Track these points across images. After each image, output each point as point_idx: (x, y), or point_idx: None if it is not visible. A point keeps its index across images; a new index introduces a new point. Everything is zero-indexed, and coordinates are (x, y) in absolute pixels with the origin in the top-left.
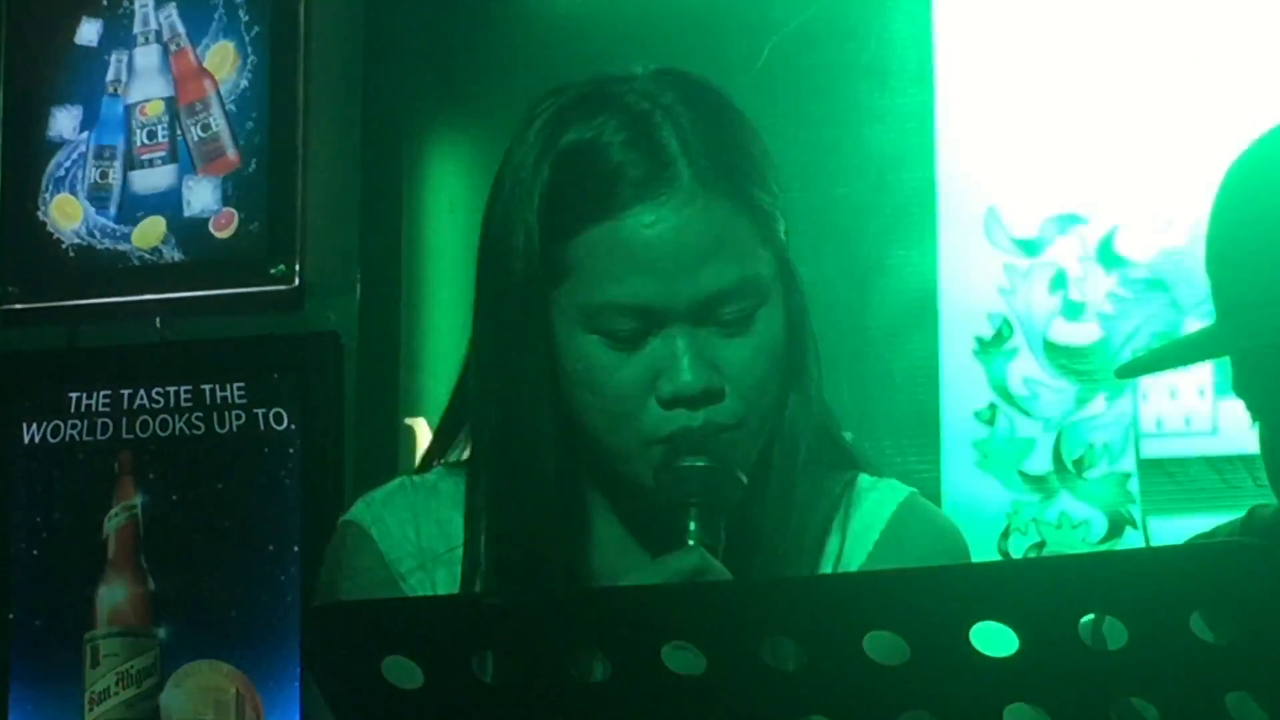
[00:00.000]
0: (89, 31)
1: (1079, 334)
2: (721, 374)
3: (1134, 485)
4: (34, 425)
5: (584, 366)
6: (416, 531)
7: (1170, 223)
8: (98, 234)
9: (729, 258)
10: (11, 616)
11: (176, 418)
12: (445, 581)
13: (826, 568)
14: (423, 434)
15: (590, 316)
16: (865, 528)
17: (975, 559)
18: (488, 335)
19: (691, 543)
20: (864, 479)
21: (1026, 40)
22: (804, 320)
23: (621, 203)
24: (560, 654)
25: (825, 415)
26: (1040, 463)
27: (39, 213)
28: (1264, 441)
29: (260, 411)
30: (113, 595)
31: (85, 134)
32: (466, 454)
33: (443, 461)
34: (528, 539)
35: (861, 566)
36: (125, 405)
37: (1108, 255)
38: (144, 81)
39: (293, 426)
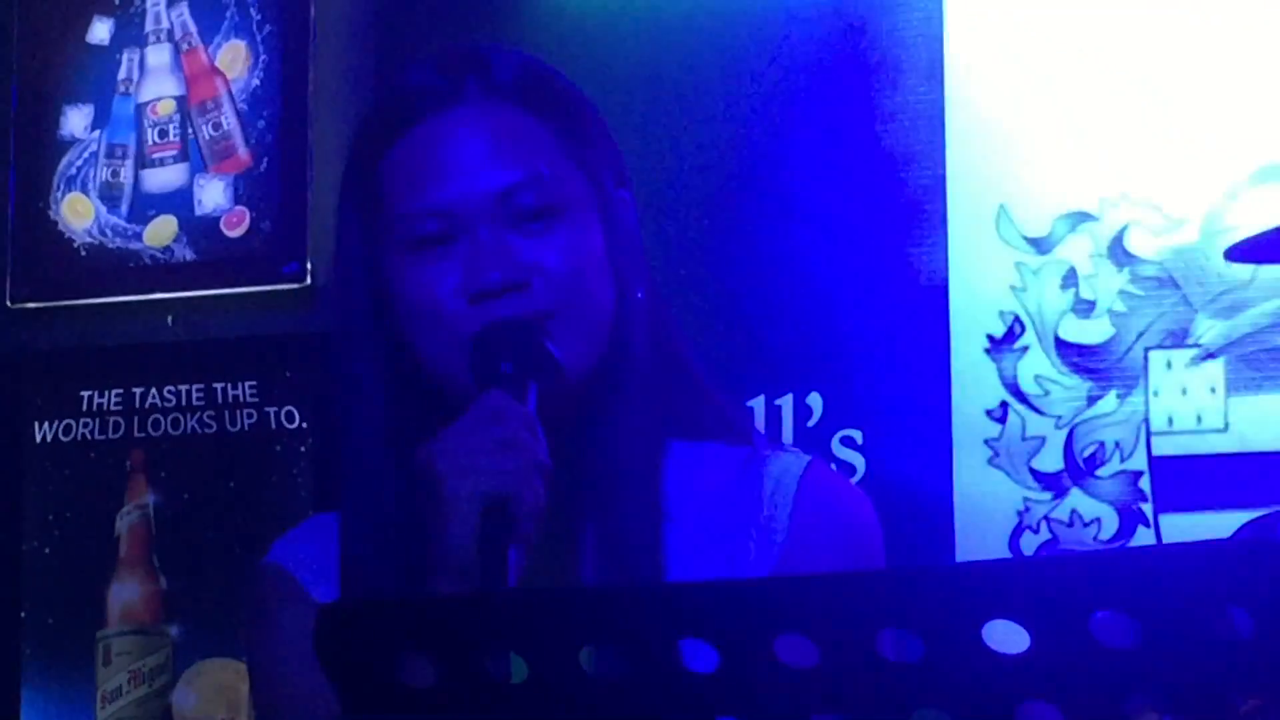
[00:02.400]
0: (101, 30)
1: (1090, 331)
2: (526, 268)
3: (1146, 483)
4: (46, 424)
5: (406, 290)
6: (324, 551)
7: (1181, 220)
8: (109, 233)
9: (517, 156)
10: (24, 615)
11: (188, 416)
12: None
13: (768, 545)
14: None
15: (399, 232)
16: (779, 505)
17: (987, 557)
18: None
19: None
20: (764, 452)
21: (1037, 38)
22: (631, 255)
23: (416, 117)
24: (574, 649)
25: (709, 389)
26: (1051, 460)
27: (50, 212)
28: None
29: (272, 410)
30: (125, 593)
31: (97, 133)
32: None
33: None
34: (365, 536)
35: (784, 542)
36: (137, 404)
37: (1119, 253)
38: (155, 80)
39: (304, 425)
